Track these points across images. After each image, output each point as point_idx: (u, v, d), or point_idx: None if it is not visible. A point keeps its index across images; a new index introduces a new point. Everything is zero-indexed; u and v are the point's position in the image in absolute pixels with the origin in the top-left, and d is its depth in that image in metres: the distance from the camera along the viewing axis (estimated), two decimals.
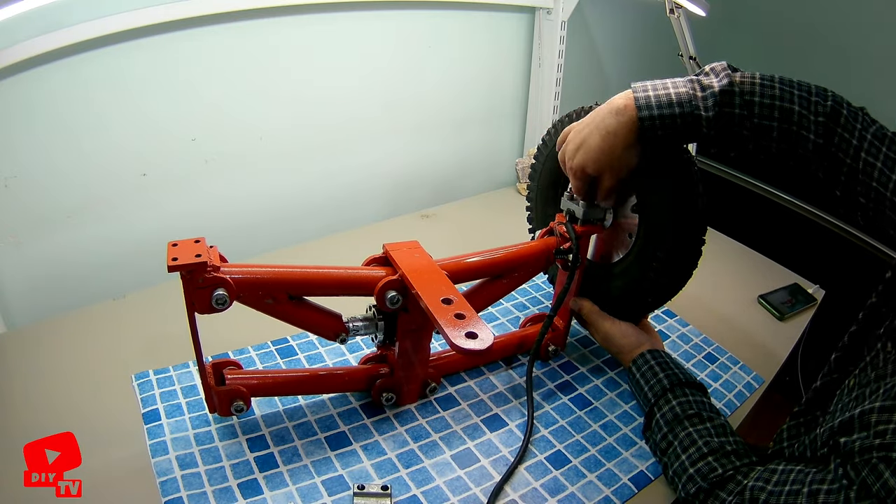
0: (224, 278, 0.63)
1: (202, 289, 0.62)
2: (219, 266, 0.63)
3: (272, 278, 0.68)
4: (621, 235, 0.84)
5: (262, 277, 0.67)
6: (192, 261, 0.61)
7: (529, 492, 0.69)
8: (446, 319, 0.59)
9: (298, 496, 0.66)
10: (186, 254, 0.62)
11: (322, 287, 0.70)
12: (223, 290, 0.63)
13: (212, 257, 0.63)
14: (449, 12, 1.29)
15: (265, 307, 0.68)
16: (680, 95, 0.67)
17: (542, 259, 0.83)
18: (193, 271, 0.61)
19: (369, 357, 0.81)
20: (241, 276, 0.65)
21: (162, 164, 1.06)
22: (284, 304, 0.69)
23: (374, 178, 1.36)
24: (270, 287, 0.68)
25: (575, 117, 0.84)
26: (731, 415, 0.84)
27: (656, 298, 0.84)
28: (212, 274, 0.62)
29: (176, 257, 0.61)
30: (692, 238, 0.78)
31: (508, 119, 1.54)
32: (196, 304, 0.63)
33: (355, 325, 0.74)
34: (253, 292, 0.67)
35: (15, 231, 0.96)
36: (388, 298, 0.69)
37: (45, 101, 0.91)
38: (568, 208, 0.84)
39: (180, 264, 0.60)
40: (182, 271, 0.61)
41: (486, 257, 0.79)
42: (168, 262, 0.60)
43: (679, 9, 1.16)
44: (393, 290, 0.69)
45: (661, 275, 0.79)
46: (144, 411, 0.75)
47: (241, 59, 1.07)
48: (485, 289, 0.81)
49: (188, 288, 0.62)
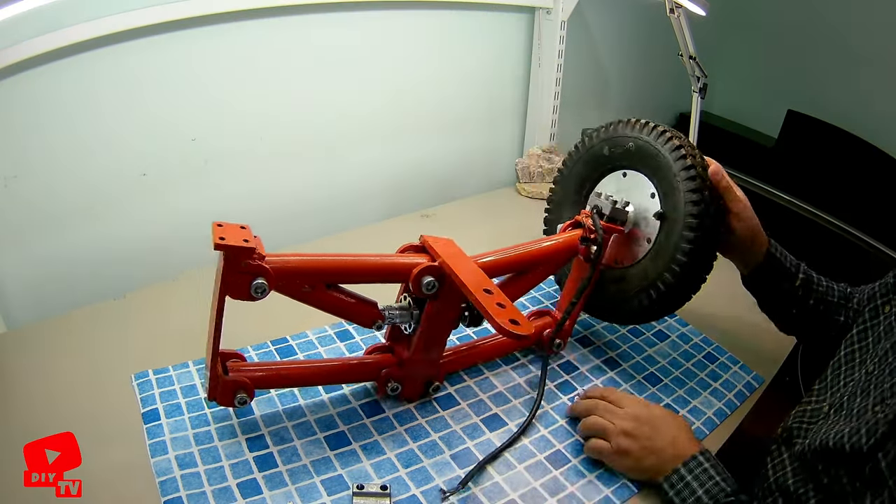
0: (266, 268, 0.64)
1: (242, 274, 0.63)
2: (264, 255, 0.64)
3: (310, 266, 0.69)
4: (636, 242, 0.87)
5: (300, 266, 0.68)
6: (241, 244, 0.61)
7: (529, 492, 0.69)
8: (491, 307, 0.62)
9: (298, 496, 0.66)
10: (234, 236, 0.62)
11: (359, 274, 0.72)
12: (263, 279, 0.64)
13: (259, 246, 0.64)
14: (449, 12, 1.30)
15: (302, 296, 0.69)
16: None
17: (570, 252, 0.86)
18: (240, 254, 0.62)
19: (375, 348, 0.82)
20: (281, 266, 0.66)
21: (162, 164, 1.06)
22: (322, 292, 0.70)
23: (374, 178, 1.36)
24: (309, 276, 0.69)
25: (620, 127, 0.90)
26: (731, 415, 0.84)
27: (670, 301, 0.85)
28: (256, 262, 0.63)
29: (223, 237, 0.61)
30: (712, 243, 0.81)
31: (508, 119, 1.54)
32: (231, 289, 0.63)
33: (391, 312, 0.74)
34: (291, 281, 0.68)
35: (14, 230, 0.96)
36: (425, 284, 0.70)
37: (45, 101, 0.91)
38: (595, 204, 0.89)
39: (228, 244, 0.60)
40: (228, 252, 0.61)
41: (515, 252, 0.81)
42: (214, 240, 0.60)
43: (679, 8, 1.16)
44: (430, 276, 0.71)
45: (680, 277, 0.81)
46: (144, 411, 0.75)
47: (242, 59, 1.07)
48: (512, 284, 0.83)
49: (228, 270, 0.62)
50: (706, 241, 0.80)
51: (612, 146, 0.90)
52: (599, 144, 0.92)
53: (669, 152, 0.82)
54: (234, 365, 0.73)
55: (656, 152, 0.84)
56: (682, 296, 0.85)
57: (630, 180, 0.89)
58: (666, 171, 0.83)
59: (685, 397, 0.85)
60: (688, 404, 0.84)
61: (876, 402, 0.59)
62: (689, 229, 0.79)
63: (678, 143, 0.82)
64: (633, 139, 0.87)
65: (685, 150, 0.81)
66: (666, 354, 0.94)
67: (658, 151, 0.84)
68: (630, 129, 0.88)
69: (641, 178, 0.87)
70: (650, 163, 0.85)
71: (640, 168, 0.87)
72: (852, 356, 0.70)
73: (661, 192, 0.84)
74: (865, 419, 0.57)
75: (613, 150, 0.90)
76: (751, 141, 1.79)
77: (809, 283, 0.86)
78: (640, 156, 0.87)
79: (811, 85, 1.72)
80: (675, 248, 0.80)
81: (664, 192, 0.83)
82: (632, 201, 0.88)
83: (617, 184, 0.91)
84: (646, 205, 0.86)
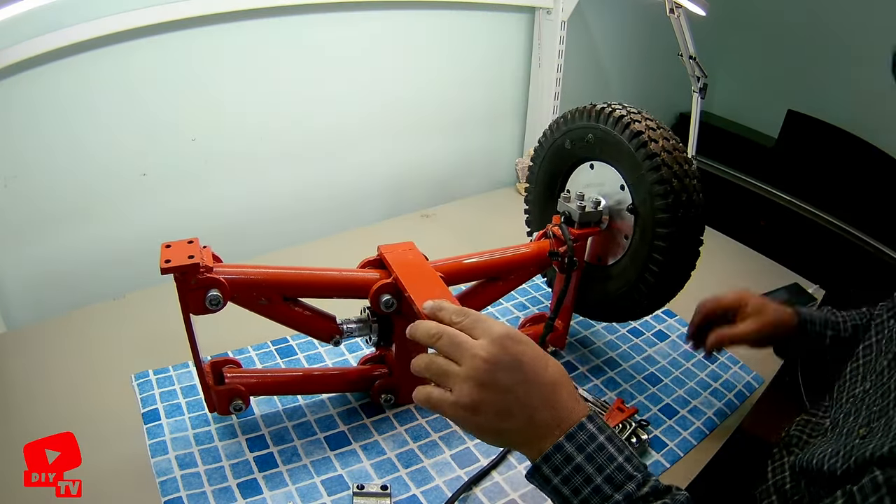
0: (217, 279, 0.63)
1: (195, 290, 0.62)
2: (212, 267, 0.63)
3: (266, 279, 0.68)
4: (618, 237, 0.83)
5: (255, 278, 0.67)
6: (185, 262, 0.61)
7: (529, 491, 0.69)
8: None
9: (298, 496, 0.66)
10: (179, 255, 0.62)
11: (316, 289, 0.71)
12: (217, 290, 0.63)
13: (205, 258, 0.63)
14: (449, 12, 1.29)
15: (259, 308, 0.68)
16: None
17: (538, 262, 0.82)
18: (186, 273, 0.61)
19: (368, 357, 0.81)
20: (235, 277, 0.65)
21: (162, 164, 1.06)
22: (279, 305, 0.69)
23: (374, 178, 1.36)
24: (264, 288, 0.68)
25: (577, 116, 0.84)
26: (732, 414, 0.84)
27: (653, 300, 0.83)
28: (205, 275, 0.62)
29: (169, 259, 0.61)
30: (690, 240, 0.78)
31: (508, 119, 1.54)
32: (190, 306, 0.63)
33: (349, 326, 0.74)
34: (247, 293, 0.67)
35: (14, 230, 0.96)
36: (383, 302, 0.69)
37: (45, 101, 0.91)
38: (565, 209, 0.83)
39: (173, 266, 0.60)
40: (175, 273, 0.61)
41: (480, 259, 0.78)
42: (161, 264, 0.60)
43: (679, 8, 1.16)
44: (387, 294, 0.69)
45: (658, 276, 0.79)
46: (144, 411, 0.75)
47: (242, 60, 1.07)
48: (481, 290, 0.81)
49: (182, 289, 0.62)
50: (682, 236, 0.75)
51: (572, 139, 0.84)
52: (561, 138, 0.86)
53: (629, 140, 0.75)
54: (230, 372, 0.73)
55: (616, 142, 0.77)
56: (669, 292, 0.83)
57: (599, 172, 0.83)
58: (629, 161, 0.76)
59: (685, 397, 0.85)
60: (688, 404, 0.84)
61: (862, 423, 0.58)
62: (662, 226, 0.74)
63: (637, 128, 0.75)
64: (592, 129, 0.80)
65: (646, 135, 0.74)
66: (666, 354, 0.94)
67: (618, 140, 0.76)
68: (587, 118, 0.81)
69: (609, 169, 0.81)
70: (612, 153, 0.79)
71: (605, 159, 0.81)
72: (857, 371, 0.69)
73: (630, 184, 0.78)
74: (847, 442, 0.56)
75: (574, 143, 0.84)
76: (751, 141, 1.79)
77: (837, 339, 0.78)
78: (602, 147, 0.80)
79: (811, 85, 1.72)
80: (651, 248, 0.76)
81: (632, 183, 0.77)
82: (605, 194, 0.82)
83: (587, 177, 0.86)
84: (618, 197, 0.80)
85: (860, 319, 0.79)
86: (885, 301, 0.73)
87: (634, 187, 0.78)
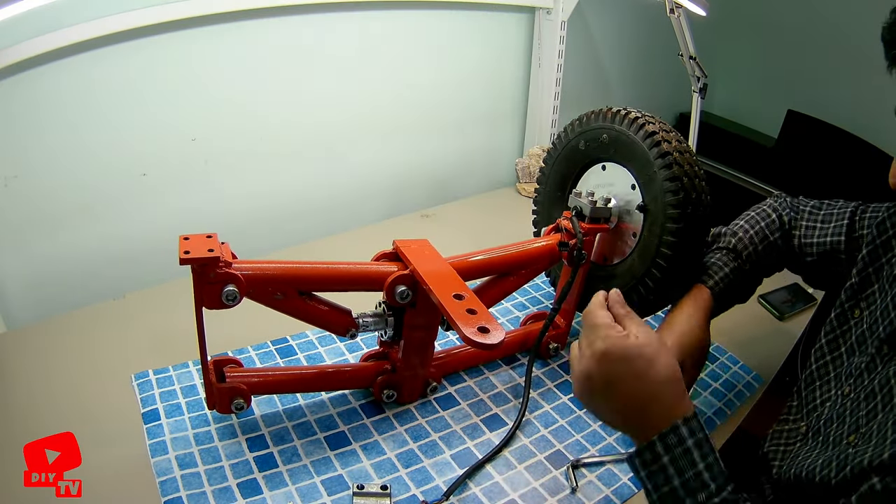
0: (235, 274, 0.63)
1: (213, 284, 0.62)
2: (230, 262, 0.64)
3: (282, 274, 0.68)
4: (625, 236, 0.85)
5: (272, 273, 0.67)
6: (205, 255, 0.61)
7: (529, 492, 0.69)
8: (459, 314, 0.60)
9: (298, 496, 0.66)
10: (199, 248, 0.62)
11: (332, 282, 0.71)
12: (234, 286, 0.63)
13: (224, 253, 0.63)
14: (449, 12, 1.29)
15: (275, 303, 0.69)
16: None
17: (549, 255, 0.84)
18: (206, 265, 0.61)
19: (371, 354, 0.81)
20: (252, 273, 0.65)
21: (162, 164, 1.06)
22: (294, 299, 0.70)
23: (374, 178, 1.36)
24: (281, 283, 0.68)
25: (593, 118, 0.86)
26: (732, 414, 0.84)
27: (658, 295, 0.83)
28: (224, 269, 0.62)
29: (188, 251, 0.61)
30: (696, 238, 0.79)
31: (508, 119, 1.54)
32: (205, 300, 0.63)
33: (365, 320, 0.74)
34: (263, 288, 0.67)
35: (14, 230, 0.96)
36: (398, 293, 0.70)
37: (45, 101, 0.91)
38: (576, 205, 0.85)
39: (193, 258, 0.60)
40: (194, 265, 0.61)
41: (494, 255, 0.80)
42: (180, 254, 0.60)
43: (679, 8, 1.16)
44: (403, 285, 0.70)
45: (665, 271, 0.79)
46: (144, 411, 0.75)
47: (242, 60, 1.07)
48: (492, 286, 0.82)
49: (198, 282, 0.62)
50: (691, 232, 0.78)
51: (587, 140, 0.88)
52: (576, 139, 0.90)
53: (643, 140, 0.79)
54: (231, 371, 0.73)
55: (630, 141, 0.81)
56: (672, 288, 0.82)
57: (610, 173, 0.87)
58: (642, 160, 0.80)
59: None
60: None
61: (850, 430, 0.58)
62: (672, 221, 0.77)
63: (651, 129, 0.79)
64: (607, 130, 0.84)
65: (660, 135, 0.78)
66: None
67: (632, 140, 0.81)
68: (603, 120, 0.85)
69: (621, 169, 0.84)
70: (626, 153, 0.83)
71: (618, 159, 0.85)
72: (825, 369, 0.67)
73: (641, 183, 0.81)
74: (838, 451, 0.56)
75: (589, 143, 0.88)
76: (751, 141, 1.79)
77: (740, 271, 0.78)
78: (616, 147, 0.84)
79: (811, 85, 1.72)
80: (660, 243, 0.78)
81: (643, 182, 0.81)
82: (615, 194, 0.85)
83: (598, 178, 0.89)
84: (628, 197, 0.84)
85: (830, 242, 0.80)
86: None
87: (646, 185, 0.81)
